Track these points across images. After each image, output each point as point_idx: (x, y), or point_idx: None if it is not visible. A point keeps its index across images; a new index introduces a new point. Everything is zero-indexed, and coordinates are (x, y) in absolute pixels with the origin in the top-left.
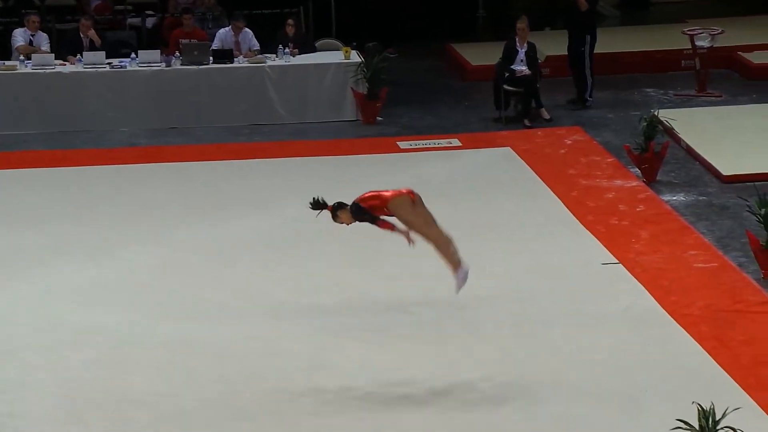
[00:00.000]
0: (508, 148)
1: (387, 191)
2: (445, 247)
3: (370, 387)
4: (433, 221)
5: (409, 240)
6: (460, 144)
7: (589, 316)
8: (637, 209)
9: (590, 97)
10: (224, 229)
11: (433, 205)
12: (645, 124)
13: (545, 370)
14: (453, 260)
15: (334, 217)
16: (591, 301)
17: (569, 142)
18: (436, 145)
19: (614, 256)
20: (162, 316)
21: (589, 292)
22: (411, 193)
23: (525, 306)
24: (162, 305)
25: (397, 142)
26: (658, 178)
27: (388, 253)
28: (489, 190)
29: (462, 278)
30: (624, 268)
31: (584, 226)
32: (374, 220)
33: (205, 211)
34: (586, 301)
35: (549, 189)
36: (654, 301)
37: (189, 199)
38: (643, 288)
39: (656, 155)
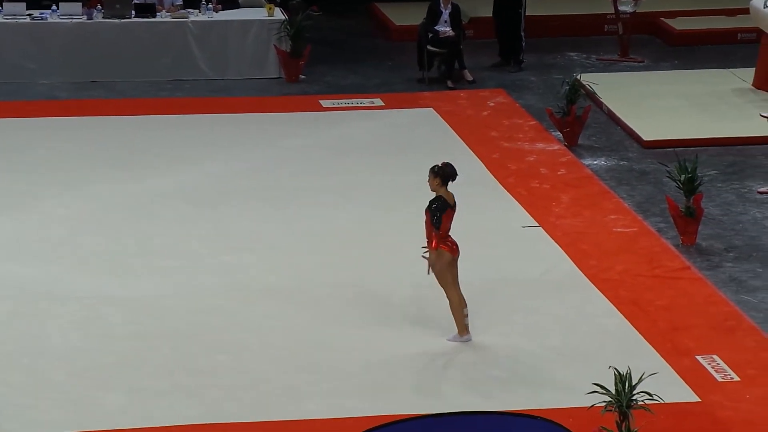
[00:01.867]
0: (431, 109)
1: (447, 238)
2: (459, 310)
3: (282, 342)
4: (457, 282)
5: (428, 269)
6: (383, 104)
7: (509, 279)
8: (559, 173)
9: (523, 59)
10: (144, 184)
11: (354, 163)
12: (567, 87)
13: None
14: (462, 325)
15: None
16: (511, 264)
17: (492, 104)
18: (359, 105)
19: (535, 219)
20: (80, 271)
21: (509, 255)
22: (456, 251)
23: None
24: (80, 260)
25: (320, 101)
26: (579, 142)
27: (311, 213)
28: (410, 151)
29: (459, 340)
30: (544, 231)
31: (505, 188)
32: (438, 222)
33: (126, 166)
34: (505, 263)
35: (471, 150)
36: (573, 264)
37: (109, 153)
38: (562, 252)
39: (578, 119)
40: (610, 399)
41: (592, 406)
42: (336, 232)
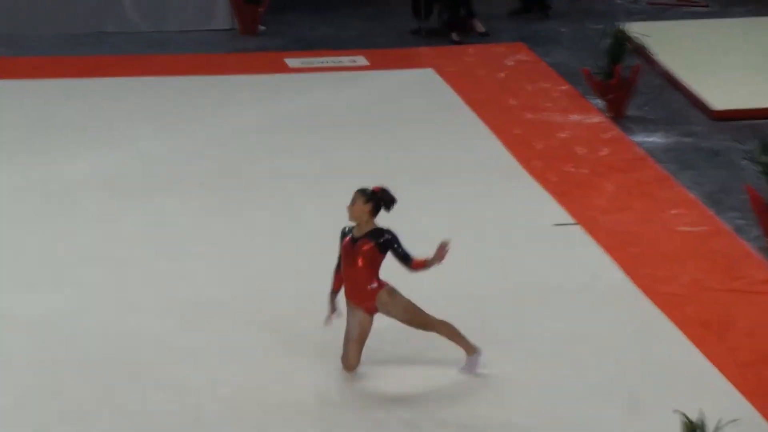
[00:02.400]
0: (430, 69)
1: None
2: (453, 330)
3: (235, 376)
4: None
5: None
6: (367, 63)
7: (536, 294)
8: (600, 153)
9: (550, 4)
10: (55, 168)
11: (330, 143)
12: (609, 41)
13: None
14: (466, 344)
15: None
16: (539, 273)
17: (510, 63)
18: (336, 64)
19: (570, 214)
20: None
21: (536, 263)
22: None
23: (452, 283)
24: None
25: (285, 59)
26: (627, 112)
27: (272, 207)
28: (404, 126)
29: (474, 366)
30: (583, 231)
31: (530, 174)
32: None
33: (30, 146)
34: (532, 273)
35: (484, 124)
36: (622, 273)
37: (15, 127)
38: (607, 257)
39: (624, 82)
40: None
41: None
42: (304, 230)
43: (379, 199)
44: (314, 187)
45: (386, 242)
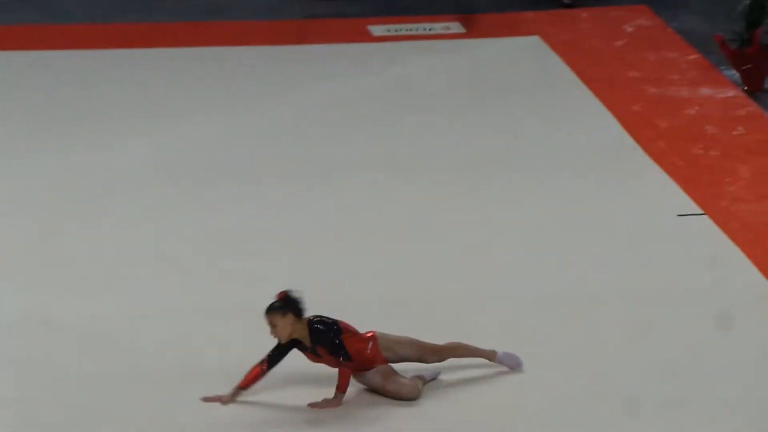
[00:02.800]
0: (536, 37)
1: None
2: (462, 346)
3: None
4: (419, 345)
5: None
6: (462, 31)
7: (657, 295)
8: (735, 132)
9: None
10: (106, 151)
11: (419, 124)
12: (748, 2)
13: (590, 371)
14: (480, 352)
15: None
16: (659, 270)
17: (630, 29)
18: (427, 32)
19: (698, 204)
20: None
21: (656, 258)
22: (369, 349)
23: (562, 281)
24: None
25: (368, 26)
26: (766, 85)
27: (349, 197)
28: (505, 103)
29: (511, 360)
30: (712, 222)
31: (652, 157)
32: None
33: (80, 124)
34: (650, 270)
35: (598, 100)
36: (758, 273)
37: (57, 105)
38: (741, 253)
39: (764, 51)
40: None
41: None
42: (385, 223)
43: (292, 301)
44: (396, 173)
45: (330, 336)
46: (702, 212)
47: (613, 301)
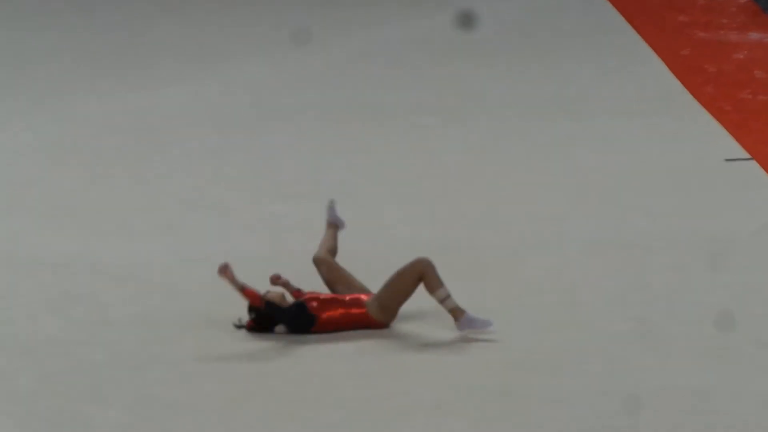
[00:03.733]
0: None
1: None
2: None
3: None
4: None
5: None
6: None
7: (702, 243)
8: None
9: None
10: (153, 95)
11: (470, 70)
12: None
13: (635, 316)
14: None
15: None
16: (705, 220)
17: None
18: None
19: (745, 149)
20: (51, 226)
21: (703, 207)
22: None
23: (610, 227)
24: (52, 210)
25: None
26: None
27: (381, 140)
28: (557, 48)
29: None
30: (760, 167)
31: (700, 102)
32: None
33: (126, 68)
34: (697, 220)
35: (646, 45)
36: None
37: (101, 48)
38: None
39: None
40: None
41: None
42: (435, 168)
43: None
44: (451, 117)
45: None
46: (750, 157)
47: (660, 247)
